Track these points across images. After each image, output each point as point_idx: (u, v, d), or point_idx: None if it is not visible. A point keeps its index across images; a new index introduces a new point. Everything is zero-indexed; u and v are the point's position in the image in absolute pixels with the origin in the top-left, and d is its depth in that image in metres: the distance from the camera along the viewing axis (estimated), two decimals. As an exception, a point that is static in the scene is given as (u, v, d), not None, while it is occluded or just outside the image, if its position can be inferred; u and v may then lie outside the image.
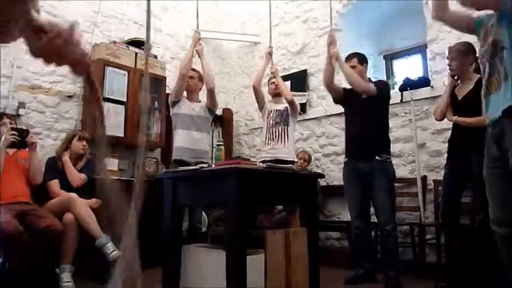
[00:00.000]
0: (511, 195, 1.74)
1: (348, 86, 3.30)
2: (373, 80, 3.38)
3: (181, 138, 3.39)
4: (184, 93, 3.52)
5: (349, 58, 3.28)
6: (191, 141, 3.38)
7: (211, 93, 3.45)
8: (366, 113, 3.11)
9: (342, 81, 3.75)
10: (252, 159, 3.52)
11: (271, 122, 3.58)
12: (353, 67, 3.20)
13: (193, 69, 3.52)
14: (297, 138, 4.71)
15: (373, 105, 3.10)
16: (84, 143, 3.35)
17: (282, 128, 3.55)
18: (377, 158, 3.04)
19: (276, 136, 3.53)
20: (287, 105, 3.60)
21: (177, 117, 3.46)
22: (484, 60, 1.85)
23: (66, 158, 3.28)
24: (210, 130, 3.66)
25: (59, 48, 0.76)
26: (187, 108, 3.44)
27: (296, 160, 3.73)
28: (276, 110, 3.61)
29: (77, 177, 3.25)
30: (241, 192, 2.09)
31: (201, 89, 3.65)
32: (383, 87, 3.17)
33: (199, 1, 3.58)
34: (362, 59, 3.29)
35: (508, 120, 1.69)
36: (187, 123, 3.42)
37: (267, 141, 3.56)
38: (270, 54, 3.72)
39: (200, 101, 3.57)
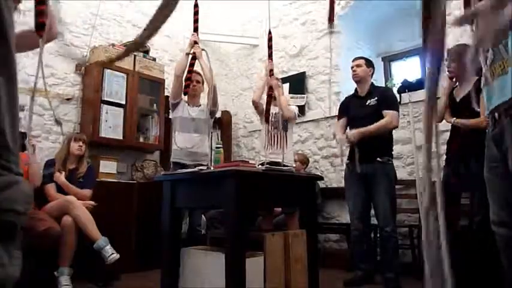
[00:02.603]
0: (511, 196, 1.73)
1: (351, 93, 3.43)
2: (374, 83, 3.41)
3: (180, 140, 3.37)
4: (185, 98, 3.52)
5: (356, 59, 3.34)
6: (190, 144, 3.36)
7: (213, 92, 3.38)
8: (371, 119, 3.11)
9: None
10: (251, 161, 3.51)
11: (269, 127, 3.54)
12: (359, 66, 3.27)
13: (199, 74, 3.52)
14: (296, 140, 4.72)
15: (379, 111, 3.11)
16: (81, 143, 3.34)
17: (281, 133, 3.54)
18: (378, 159, 3.06)
19: (274, 141, 3.52)
20: None
21: (176, 121, 3.46)
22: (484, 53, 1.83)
23: (62, 179, 3.21)
24: (209, 133, 3.64)
25: None
26: (186, 111, 3.44)
27: (294, 165, 3.72)
28: (274, 114, 3.59)
29: (82, 196, 3.20)
30: (240, 195, 2.09)
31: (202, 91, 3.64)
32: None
33: (198, 2, 3.56)
34: (369, 62, 3.35)
35: (507, 120, 1.68)
36: (186, 126, 3.41)
37: (266, 146, 3.54)
38: (271, 70, 3.17)
39: (200, 105, 3.55)
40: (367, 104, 3.19)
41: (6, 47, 0.62)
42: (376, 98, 3.17)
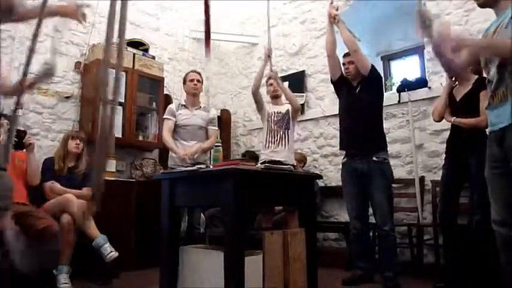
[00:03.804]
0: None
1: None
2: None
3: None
4: (184, 97, 3.52)
5: (347, 55, 3.25)
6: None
7: None
8: (359, 105, 3.12)
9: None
10: (250, 160, 3.51)
11: (272, 126, 3.52)
12: (351, 62, 3.20)
13: (199, 73, 3.54)
14: (295, 139, 4.71)
15: (367, 97, 3.11)
16: (78, 141, 3.33)
17: (283, 132, 3.52)
18: (374, 158, 3.05)
19: (276, 139, 3.48)
20: (288, 107, 3.57)
21: (175, 127, 3.43)
22: (487, 67, 1.83)
23: (58, 187, 3.18)
24: (208, 139, 3.58)
25: None
26: (186, 119, 3.40)
27: (295, 164, 3.71)
28: (277, 113, 3.56)
29: (82, 196, 3.17)
30: (239, 193, 2.09)
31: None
32: (374, 70, 3.17)
33: (197, 1, 3.57)
34: None
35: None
36: (183, 134, 3.39)
37: (267, 144, 3.51)
38: (268, 56, 3.57)
39: (201, 107, 3.51)
40: (357, 90, 3.19)
41: None
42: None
